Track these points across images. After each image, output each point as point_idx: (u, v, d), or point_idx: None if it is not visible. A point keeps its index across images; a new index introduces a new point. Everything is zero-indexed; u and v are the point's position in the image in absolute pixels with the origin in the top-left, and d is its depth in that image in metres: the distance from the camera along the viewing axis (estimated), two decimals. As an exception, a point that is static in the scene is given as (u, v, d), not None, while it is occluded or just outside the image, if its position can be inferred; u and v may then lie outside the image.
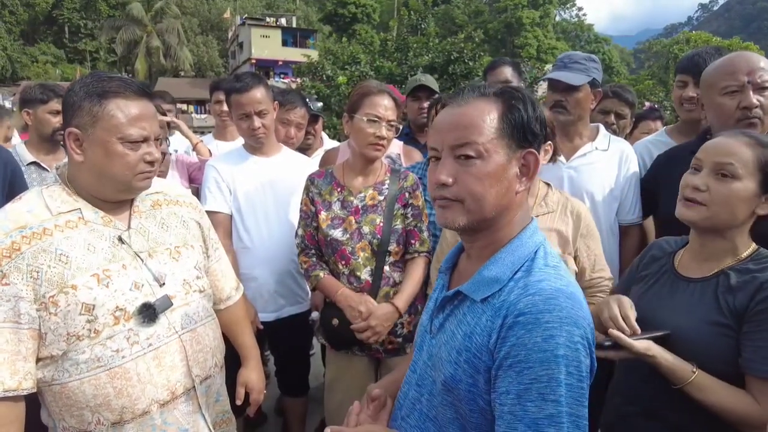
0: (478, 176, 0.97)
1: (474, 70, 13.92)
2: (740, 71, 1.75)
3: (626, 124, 2.98)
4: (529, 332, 0.87)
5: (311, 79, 15.55)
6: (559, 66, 2.24)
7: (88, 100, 1.29)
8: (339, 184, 2.05)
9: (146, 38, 37.73)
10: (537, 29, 47.44)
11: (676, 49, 29.09)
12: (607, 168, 2.23)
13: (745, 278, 1.26)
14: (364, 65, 14.55)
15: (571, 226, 1.82)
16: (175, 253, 1.46)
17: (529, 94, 1.04)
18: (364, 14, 48.16)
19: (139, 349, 1.32)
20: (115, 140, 1.29)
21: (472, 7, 48.94)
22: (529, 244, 1.01)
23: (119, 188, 1.36)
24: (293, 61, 33.09)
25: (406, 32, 16.89)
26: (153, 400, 1.33)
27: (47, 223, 1.28)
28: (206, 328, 1.49)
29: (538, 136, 1.02)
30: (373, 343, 1.95)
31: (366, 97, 1.97)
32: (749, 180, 1.25)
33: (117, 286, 1.30)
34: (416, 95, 3.24)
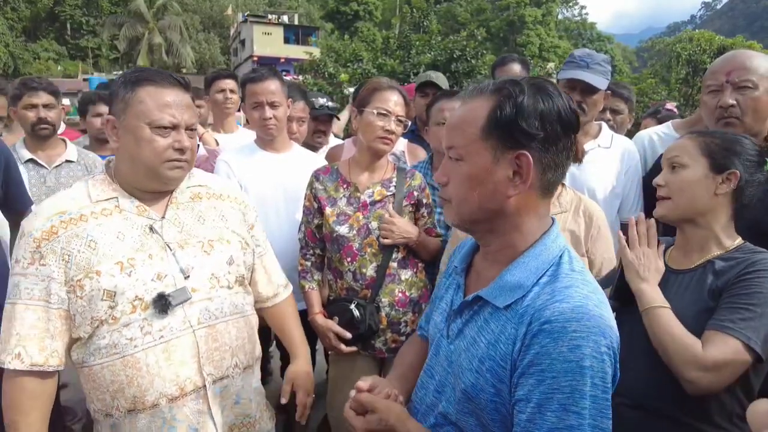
0: (461, 178, 0.97)
1: (476, 68, 13.90)
2: (720, 71, 1.79)
3: (624, 120, 3.01)
4: (555, 341, 0.84)
5: (313, 76, 15.55)
6: (580, 65, 2.17)
7: (123, 88, 1.34)
8: (345, 180, 2.06)
9: (148, 35, 37.71)
10: (539, 27, 47.30)
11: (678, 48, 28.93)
12: (610, 165, 2.24)
13: (730, 263, 1.34)
14: (366, 63, 14.55)
15: (583, 227, 1.82)
16: (207, 246, 1.43)
17: (541, 88, 0.94)
18: (366, 12, 48.07)
19: (151, 340, 1.32)
20: (143, 125, 1.32)
21: (475, 5, 48.79)
22: (553, 248, 0.98)
23: (149, 175, 1.36)
24: (295, 59, 33.05)
25: (409, 30, 16.86)
26: (161, 393, 1.32)
27: (85, 210, 1.34)
28: (229, 326, 1.43)
29: (532, 135, 0.91)
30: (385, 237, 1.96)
31: (376, 92, 1.99)
32: (696, 165, 1.38)
33: (139, 276, 1.32)
34: (424, 92, 3.27)
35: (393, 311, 2.00)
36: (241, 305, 1.49)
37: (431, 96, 3.20)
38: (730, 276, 1.31)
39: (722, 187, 1.36)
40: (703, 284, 1.35)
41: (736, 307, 1.26)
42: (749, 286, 1.26)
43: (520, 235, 0.99)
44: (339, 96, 14.49)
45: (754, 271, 1.28)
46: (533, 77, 0.98)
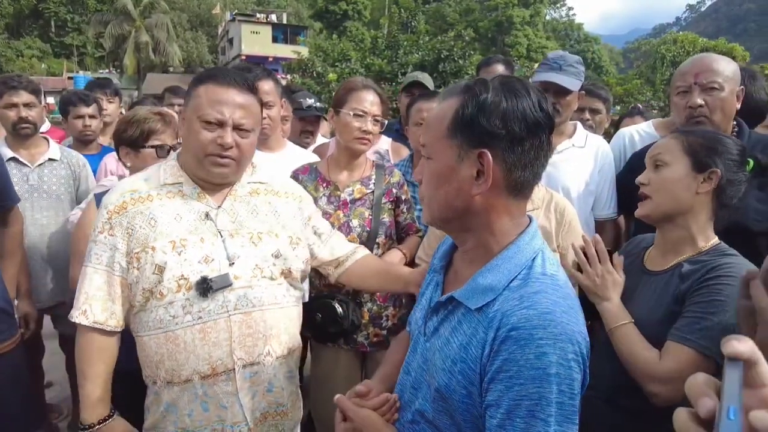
0: (428, 177, 0.99)
1: (464, 69, 13.98)
2: (689, 73, 1.87)
3: (602, 119, 3.09)
4: (522, 348, 0.84)
5: (301, 75, 15.55)
6: (553, 67, 2.24)
7: (193, 83, 1.47)
8: (324, 179, 2.10)
9: (135, 33, 37.29)
10: (527, 28, 47.60)
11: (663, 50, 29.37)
12: (584, 164, 2.30)
13: (696, 266, 1.33)
14: (354, 62, 14.58)
15: (554, 223, 1.88)
16: (256, 238, 1.51)
17: (509, 87, 0.93)
18: (355, 11, 48.01)
19: (190, 320, 1.41)
20: (195, 118, 1.42)
21: (464, 5, 48.97)
22: (527, 250, 0.97)
23: (197, 165, 1.46)
24: (283, 58, 32.92)
25: (397, 30, 16.92)
26: (195, 370, 1.42)
27: (153, 191, 1.47)
28: (265, 315, 1.48)
29: (493, 134, 0.91)
30: None
31: (352, 93, 2.03)
32: (678, 164, 1.38)
33: (188, 256, 1.42)
34: (411, 92, 3.33)
35: (375, 306, 2.05)
36: (282, 297, 1.54)
37: (415, 95, 3.28)
38: (693, 280, 1.30)
39: (703, 186, 1.35)
40: (670, 288, 1.36)
41: (695, 316, 1.25)
42: (709, 293, 1.26)
43: (491, 235, 0.98)
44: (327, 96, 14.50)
45: (715, 276, 1.27)
46: (506, 76, 0.97)
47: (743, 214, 1.78)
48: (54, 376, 3.42)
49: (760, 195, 1.80)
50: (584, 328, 0.90)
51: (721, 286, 1.25)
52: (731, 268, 1.27)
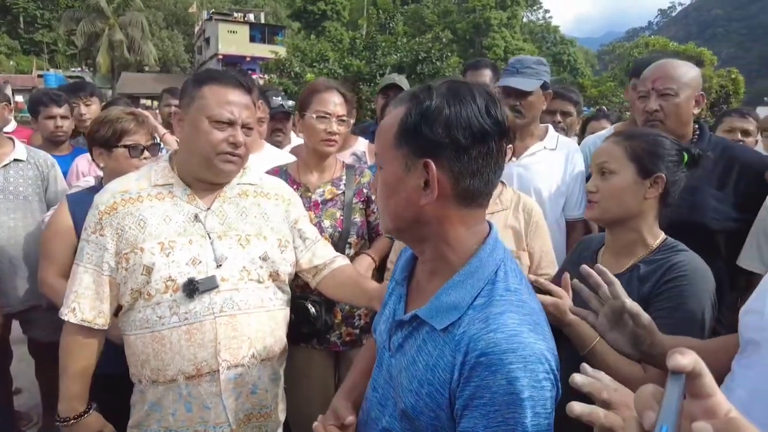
0: (380, 187, 0.99)
1: (441, 71, 14.08)
2: (648, 78, 1.94)
3: (573, 122, 3.17)
4: (493, 374, 0.83)
5: (279, 76, 15.44)
6: (511, 72, 2.35)
7: (191, 85, 1.49)
8: (294, 181, 2.11)
9: (108, 31, 36.51)
10: (505, 30, 48.13)
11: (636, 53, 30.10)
12: (555, 166, 2.36)
13: (652, 267, 1.37)
14: (332, 63, 14.55)
15: (523, 223, 1.92)
16: (244, 240, 1.53)
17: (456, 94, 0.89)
18: (334, 11, 47.88)
19: (176, 321, 1.43)
20: (203, 118, 1.44)
21: (441, 7, 49.29)
22: (489, 263, 0.94)
23: (203, 165, 1.48)
24: (261, 58, 32.65)
25: (375, 31, 16.93)
26: (180, 370, 1.43)
27: (143, 192, 1.49)
28: (251, 318, 1.50)
29: (437, 143, 0.88)
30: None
31: (315, 95, 2.05)
32: (624, 172, 1.42)
33: (176, 258, 1.44)
34: (387, 93, 3.37)
35: (347, 306, 2.06)
36: (268, 300, 1.56)
37: (392, 98, 3.32)
38: (653, 282, 1.35)
39: (650, 191, 1.40)
40: (631, 292, 1.34)
41: (666, 323, 1.25)
42: (671, 297, 1.31)
43: (447, 245, 0.96)
44: (305, 96, 14.39)
45: (672, 278, 1.32)
46: (454, 81, 0.93)
47: (703, 213, 1.85)
48: (22, 382, 3.35)
49: (719, 195, 1.87)
50: (552, 342, 0.89)
51: (681, 288, 1.30)
52: (685, 266, 1.33)
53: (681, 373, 0.56)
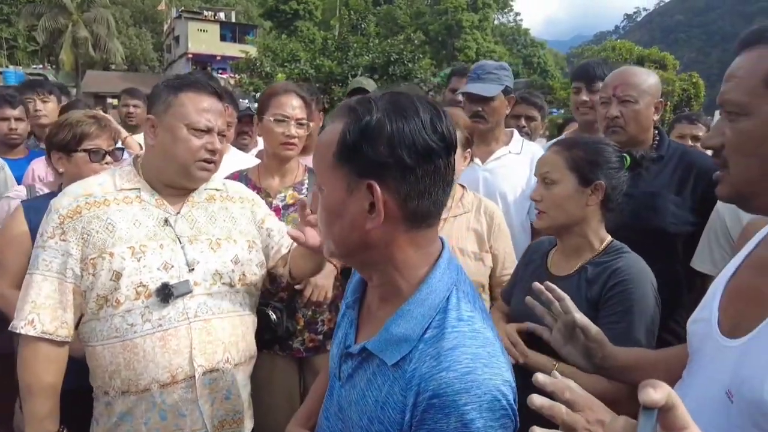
0: (320, 210, 0.91)
1: (413, 72, 14.15)
2: (610, 85, 1.99)
3: (537, 126, 3.24)
4: (447, 417, 0.78)
5: (249, 75, 15.24)
6: (473, 78, 2.39)
7: (166, 92, 1.48)
8: (255, 186, 2.07)
9: (72, 27, 35.37)
10: (476, 32, 48.62)
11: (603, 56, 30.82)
12: (519, 170, 2.39)
13: (598, 270, 1.44)
14: (304, 63, 14.43)
15: (485, 226, 1.95)
16: (215, 244, 1.53)
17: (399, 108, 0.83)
18: (306, 11, 47.56)
19: (150, 328, 1.40)
20: (182, 126, 1.44)
21: (414, 9, 49.49)
22: (440, 289, 0.88)
23: (180, 172, 1.47)
24: (232, 57, 32.27)
25: (347, 32, 16.85)
26: (153, 379, 1.39)
27: (109, 195, 1.46)
28: (224, 323, 1.49)
29: (379, 163, 0.81)
30: (323, 300, 1.98)
31: (273, 98, 2.02)
32: (566, 181, 1.48)
33: (147, 262, 1.42)
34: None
35: (310, 311, 2.04)
36: (239, 304, 1.56)
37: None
38: (600, 285, 1.42)
39: (592, 198, 1.48)
40: (581, 293, 1.44)
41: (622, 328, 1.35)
42: (620, 301, 1.38)
43: (396, 270, 0.89)
44: (276, 96, 14.23)
45: (618, 282, 1.39)
46: (398, 93, 0.87)
47: (662, 218, 1.90)
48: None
49: (677, 199, 1.91)
50: (508, 371, 0.85)
51: (628, 291, 1.39)
52: (629, 270, 1.41)
53: (654, 408, 0.55)
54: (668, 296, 1.77)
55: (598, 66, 2.54)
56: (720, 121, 0.87)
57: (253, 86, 13.92)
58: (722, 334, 0.88)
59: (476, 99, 2.29)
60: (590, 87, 2.51)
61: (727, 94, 0.84)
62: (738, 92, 0.82)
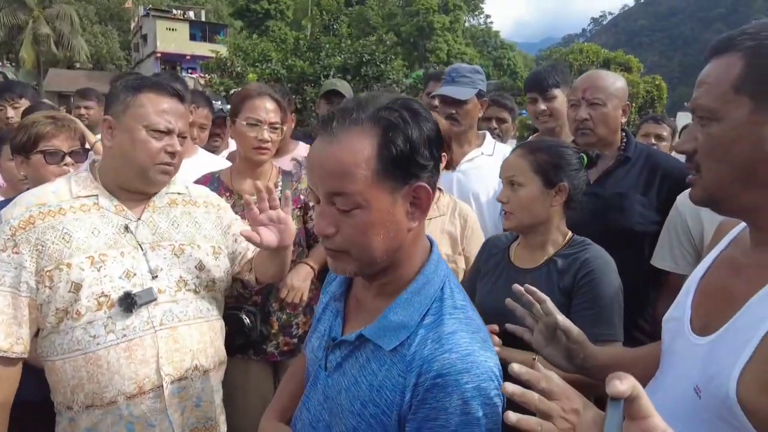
0: (361, 227, 0.87)
1: (385, 73, 14.18)
2: (579, 88, 2.04)
3: (508, 128, 3.29)
4: (449, 395, 0.82)
5: (220, 75, 15.01)
6: (448, 81, 2.41)
7: (124, 92, 1.43)
8: (227, 188, 2.04)
9: (33, 24, 34.16)
10: (448, 34, 49.08)
11: (571, 58, 31.52)
12: (492, 171, 2.39)
13: (569, 261, 1.53)
14: (275, 63, 14.29)
15: (458, 228, 1.97)
16: (178, 250, 1.49)
17: (415, 112, 0.88)
18: (278, 11, 47.18)
19: (114, 338, 1.35)
20: (140, 127, 1.40)
21: (386, 10, 49.64)
22: (435, 280, 0.94)
23: (139, 175, 1.43)
24: (202, 56, 31.74)
25: (319, 32, 16.78)
26: (119, 391, 1.35)
27: (64, 204, 1.40)
28: (191, 330, 1.46)
29: (425, 166, 0.88)
30: (299, 302, 1.97)
31: (246, 101, 1.98)
32: (531, 184, 1.55)
33: (108, 272, 1.37)
34: (329, 99, 3.38)
35: (284, 315, 2.02)
36: (206, 310, 1.53)
37: (336, 103, 3.30)
38: (571, 275, 1.51)
39: (556, 199, 1.57)
40: (552, 282, 1.53)
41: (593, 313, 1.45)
42: (591, 290, 1.47)
43: (410, 264, 0.95)
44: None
45: (587, 273, 1.49)
46: (405, 99, 0.91)
47: (629, 218, 1.95)
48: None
49: (643, 200, 1.97)
50: (496, 356, 0.90)
51: (597, 280, 1.48)
52: (597, 260, 1.52)
53: (620, 399, 0.58)
54: (637, 295, 1.82)
55: (549, 74, 2.56)
56: (693, 126, 0.90)
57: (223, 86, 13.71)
58: (693, 332, 0.91)
59: (450, 102, 2.32)
60: (545, 96, 2.53)
61: (699, 100, 0.87)
62: (708, 98, 0.85)
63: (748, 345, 0.78)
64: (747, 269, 0.87)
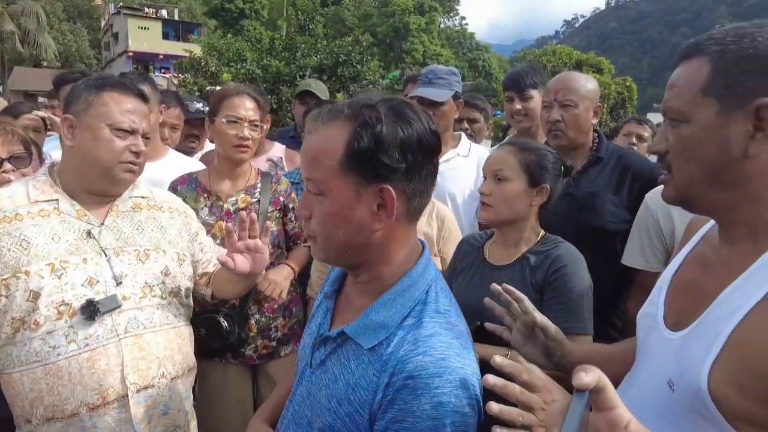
0: (323, 215, 0.90)
1: (362, 74, 14.12)
2: (551, 90, 2.08)
3: (481, 128, 3.31)
4: (418, 398, 0.81)
5: (194, 75, 14.74)
6: (424, 82, 2.42)
7: (86, 91, 1.40)
8: (205, 189, 2.02)
9: (-3, 21, 33.08)
10: (423, 35, 49.31)
11: (544, 60, 32.07)
12: (467, 172, 2.45)
13: (541, 258, 1.57)
14: (250, 63, 14.10)
15: (435, 229, 1.98)
16: (143, 255, 1.46)
17: (399, 114, 0.87)
18: (253, 10, 46.70)
19: (75, 349, 1.31)
20: (104, 126, 1.38)
21: (362, 11, 49.59)
22: (421, 283, 0.94)
23: (102, 175, 1.40)
24: (175, 56, 31.16)
25: (295, 32, 16.63)
26: (82, 402, 1.31)
27: (21, 209, 1.35)
28: (158, 336, 1.43)
29: (393, 168, 0.85)
30: (278, 299, 1.96)
31: (225, 99, 1.97)
32: (518, 180, 1.60)
33: (69, 279, 1.32)
34: (304, 99, 3.37)
35: (263, 318, 2.01)
36: (173, 316, 1.50)
37: (311, 104, 3.29)
38: (543, 271, 1.55)
39: (536, 199, 1.61)
40: (525, 278, 1.57)
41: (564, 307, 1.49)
42: (562, 284, 1.52)
43: (389, 266, 0.94)
44: (223, 97, 13.81)
45: (558, 268, 1.53)
46: (390, 99, 0.91)
47: (601, 217, 1.99)
48: None
49: (615, 199, 2.02)
50: (477, 366, 0.89)
51: (568, 275, 1.53)
52: (568, 257, 1.56)
53: (585, 390, 0.60)
54: (609, 293, 1.87)
55: (527, 74, 2.60)
56: (664, 127, 0.94)
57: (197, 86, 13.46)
58: (666, 328, 0.94)
59: (427, 103, 2.33)
60: (521, 95, 2.57)
61: (669, 102, 0.91)
62: (678, 101, 0.89)
63: (718, 339, 0.80)
64: (716, 265, 0.90)
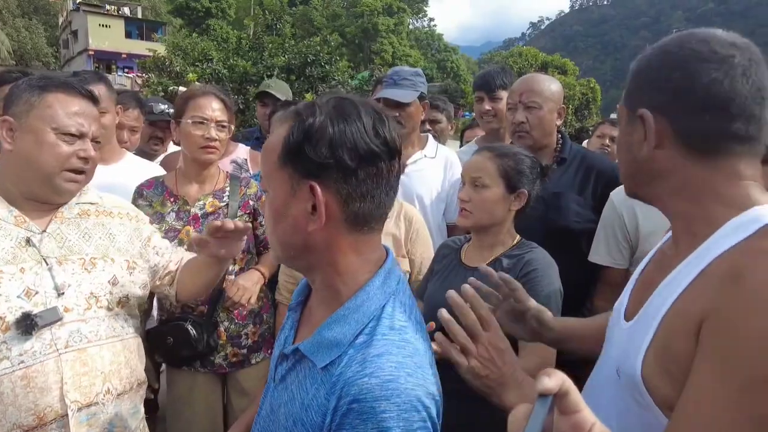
0: (267, 211, 0.92)
1: (330, 74, 14.09)
2: (516, 92, 2.11)
3: (443, 128, 3.33)
4: (364, 422, 0.77)
5: (158, 75, 14.41)
6: (390, 83, 2.41)
7: (28, 92, 1.31)
8: (172, 193, 1.97)
9: (-54, 17, 31.55)
10: (392, 36, 49.50)
11: (511, 61, 32.68)
12: (435, 173, 2.46)
13: (513, 261, 1.60)
14: (216, 63, 13.88)
15: (403, 230, 1.97)
16: (89, 264, 1.37)
17: (341, 110, 0.84)
18: (219, 9, 45.93)
19: (8, 366, 1.21)
20: (48, 129, 1.29)
21: (330, 11, 49.39)
22: (377, 297, 0.88)
23: (43, 182, 1.31)
24: (139, 55, 30.39)
25: (262, 32, 16.43)
26: (15, 424, 1.21)
27: None
28: (103, 350, 1.34)
29: (322, 165, 0.82)
30: (246, 305, 1.94)
31: (191, 100, 1.93)
32: (496, 187, 1.62)
33: (4, 290, 1.23)
34: (263, 101, 3.32)
35: (232, 325, 1.97)
36: (120, 328, 1.41)
37: (270, 105, 3.26)
38: (514, 273, 1.54)
39: (514, 204, 1.64)
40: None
41: None
42: (533, 287, 1.50)
43: (338, 274, 0.89)
44: (188, 97, 13.53)
45: (530, 271, 1.55)
46: (342, 97, 0.88)
47: (566, 217, 2.04)
48: None
49: (579, 199, 2.06)
50: (434, 385, 0.85)
51: (539, 278, 1.55)
52: (539, 261, 1.58)
53: (548, 395, 0.60)
54: (577, 291, 1.91)
55: (498, 75, 2.63)
56: None
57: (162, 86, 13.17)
58: (624, 319, 0.98)
59: (393, 104, 2.32)
60: (491, 96, 2.60)
61: None
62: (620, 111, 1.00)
63: (651, 327, 0.85)
64: (667, 259, 0.95)
